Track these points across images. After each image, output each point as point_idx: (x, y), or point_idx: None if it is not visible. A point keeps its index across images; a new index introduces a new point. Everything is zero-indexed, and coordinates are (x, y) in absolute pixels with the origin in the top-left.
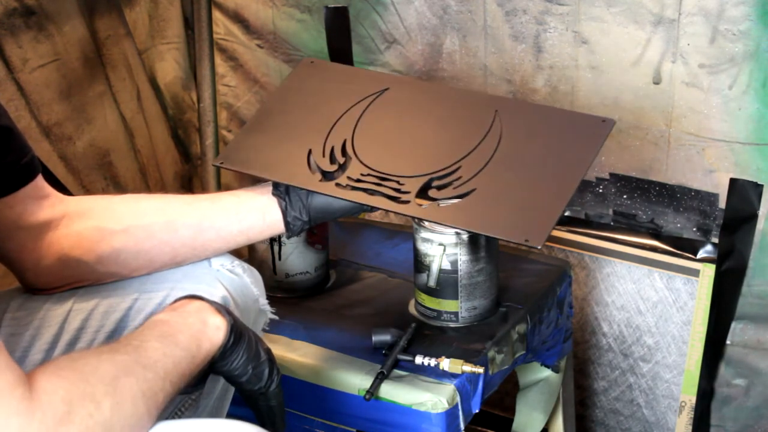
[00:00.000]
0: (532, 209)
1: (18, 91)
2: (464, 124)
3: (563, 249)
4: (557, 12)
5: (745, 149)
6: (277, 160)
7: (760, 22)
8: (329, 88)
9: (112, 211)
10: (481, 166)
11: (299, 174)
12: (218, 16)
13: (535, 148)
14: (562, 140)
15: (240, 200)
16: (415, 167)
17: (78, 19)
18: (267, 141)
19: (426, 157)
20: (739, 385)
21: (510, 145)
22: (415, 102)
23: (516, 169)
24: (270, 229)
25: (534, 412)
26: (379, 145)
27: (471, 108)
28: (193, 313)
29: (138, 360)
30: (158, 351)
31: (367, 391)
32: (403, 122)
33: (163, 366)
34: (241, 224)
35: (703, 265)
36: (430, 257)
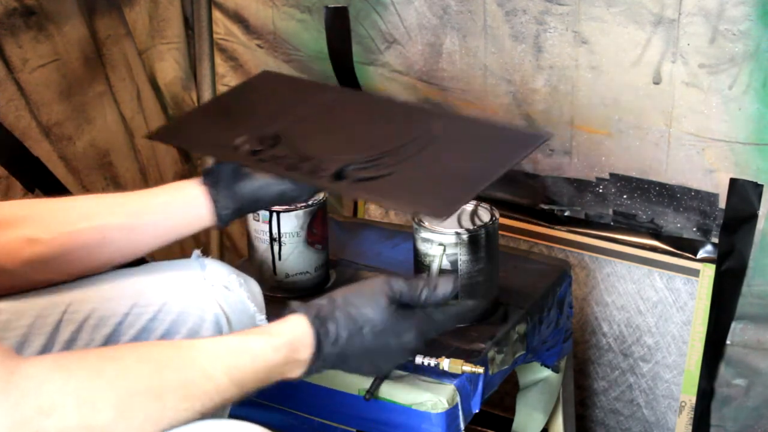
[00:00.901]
0: (440, 192)
1: (18, 91)
2: (396, 128)
3: (563, 249)
4: (557, 12)
5: (745, 149)
6: (207, 139)
7: (760, 22)
8: (277, 92)
9: (39, 219)
10: (401, 160)
11: (226, 152)
12: (218, 16)
13: (459, 150)
14: (489, 147)
15: (169, 195)
16: (337, 153)
17: (78, 19)
18: (203, 125)
19: (350, 149)
20: (739, 385)
21: (436, 147)
22: (354, 108)
23: (435, 164)
24: (201, 220)
25: (534, 412)
26: (309, 136)
27: (408, 116)
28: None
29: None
30: (213, 384)
31: (367, 391)
32: (337, 122)
33: (208, 401)
34: (172, 221)
35: (703, 265)
36: (430, 257)
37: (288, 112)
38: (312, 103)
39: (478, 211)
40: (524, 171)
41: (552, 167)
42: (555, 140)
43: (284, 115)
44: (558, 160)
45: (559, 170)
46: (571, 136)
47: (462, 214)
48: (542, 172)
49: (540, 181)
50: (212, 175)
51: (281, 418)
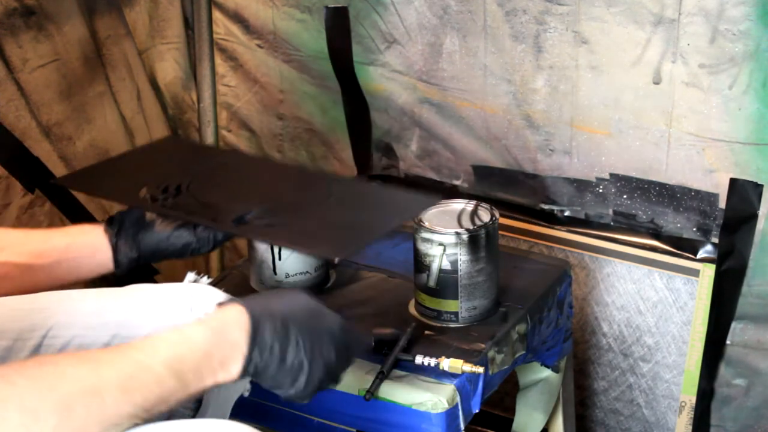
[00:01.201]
0: (337, 237)
1: (18, 91)
2: (291, 186)
3: (563, 249)
4: (557, 12)
5: (745, 149)
6: (112, 187)
7: (760, 22)
8: (180, 153)
9: None
10: (298, 211)
11: (130, 198)
12: (218, 16)
13: (351, 207)
14: (380, 206)
15: (71, 238)
16: (237, 203)
17: (78, 19)
18: (109, 176)
19: (249, 200)
20: (739, 385)
21: (329, 204)
22: (252, 168)
23: (329, 216)
24: (100, 267)
25: (534, 412)
26: (209, 189)
27: (303, 177)
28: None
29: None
30: (152, 376)
31: (367, 391)
32: (235, 179)
33: (148, 393)
34: (72, 263)
35: (703, 265)
36: (430, 257)
37: (189, 170)
38: (212, 163)
39: (478, 211)
40: (524, 171)
41: (552, 167)
42: (555, 140)
43: (185, 172)
44: (558, 160)
45: (559, 170)
46: (571, 136)
47: (462, 214)
48: (542, 172)
49: (540, 181)
50: (115, 223)
51: (281, 418)
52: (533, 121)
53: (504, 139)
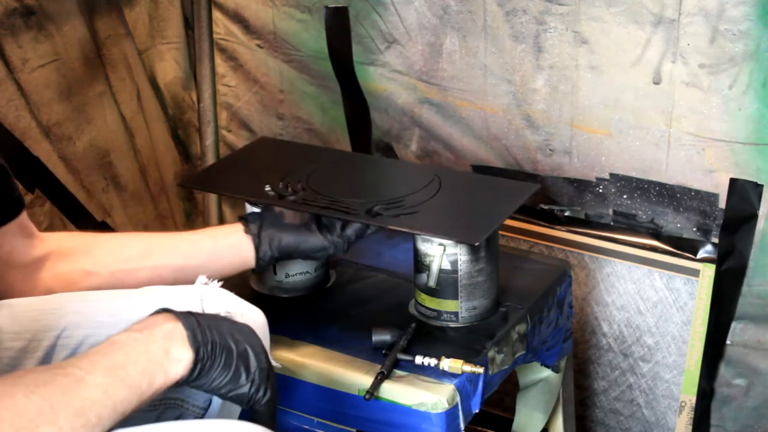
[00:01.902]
0: (468, 223)
1: (18, 91)
2: (403, 179)
3: (563, 249)
4: (557, 12)
5: (745, 149)
6: (237, 186)
7: (760, 22)
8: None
9: (96, 254)
10: (420, 202)
11: (260, 196)
12: (218, 16)
13: (465, 197)
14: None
15: (216, 241)
16: (360, 198)
17: (78, 19)
18: (227, 175)
19: (370, 195)
20: (739, 385)
21: (447, 192)
22: (358, 165)
23: (450, 206)
24: (243, 266)
25: (534, 412)
26: (328, 186)
27: (409, 169)
28: (158, 339)
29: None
30: (99, 389)
31: (367, 391)
32: (346, 176)
33: (101, 408)
34: (218, 264)
35: (703, 265)
36: (430, 257)
37: (300, 169)
38: (319, 161)
39: None
40: (524, 171)
41: (552, 167)
42: (555, 140)
43: (298, 171)
44: (558, 160)
45: (559, 170)
46: (571, 136)
47: None
48: (542, 172)
49: (540, 181)
50: (254, 224)
51: (281, 418)
52: (533, 121)
53: (504, 139)
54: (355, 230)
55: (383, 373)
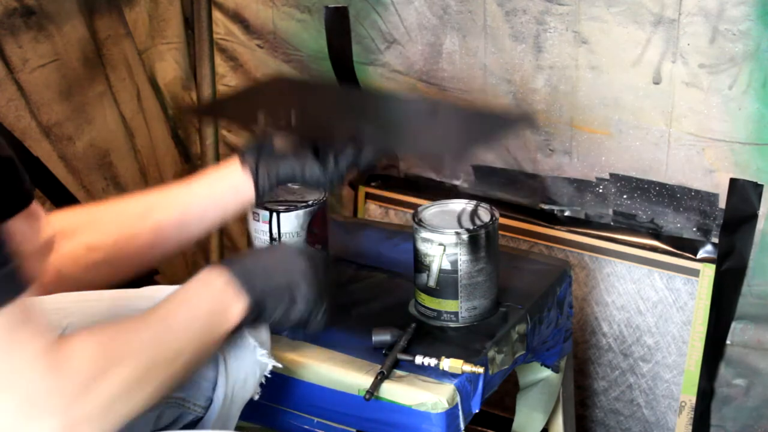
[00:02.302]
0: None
1: (18, 91)
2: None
3: (563, 249)
4: (557, 12)
5: (745, 149)
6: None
7: (760, 22)
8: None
9: (97, 226)
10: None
11: (257, 125)
12: (218, 16)
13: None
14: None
15: (212, 186)
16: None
17: (78, 19)
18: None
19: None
20: (739, 385)
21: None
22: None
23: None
24: (243, 203)
25: (534, 412)
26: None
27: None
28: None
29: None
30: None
31: (367, 391)
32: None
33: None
34: (218, 208)
35: (703, 265)
36: (430, 257)
37: (301, 99)
38: (318, 95)
39: (478, 211)
40: (524, 171)
41: (552, 167)
42: (555, 140)
43: (297, 103)
44: (558, 160)
45: (559, 170)
46: (571, 136)
47: (462, 214)
48: (542, 172)
49: (540, 181)
50: (251, 156)
51: (281, 418)
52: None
53: (504, 139)
54: (347, 162)
55: (383, 373)
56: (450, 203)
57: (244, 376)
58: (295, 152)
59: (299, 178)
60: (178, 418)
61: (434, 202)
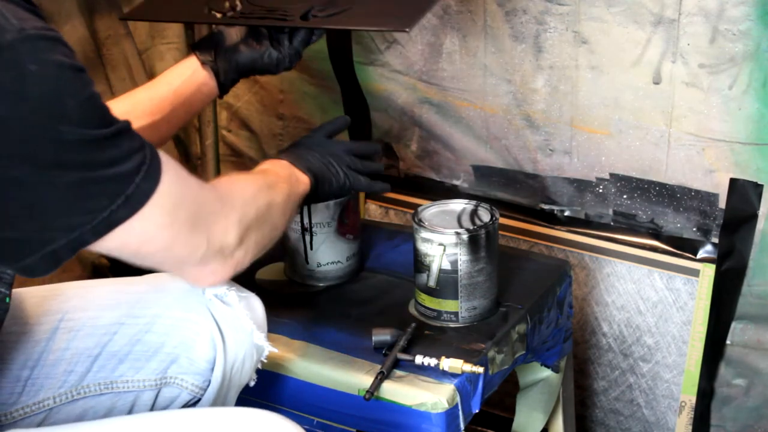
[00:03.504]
0: (400, 11)
1: None
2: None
3: (563, 249)
4: (557, 12)
5: (745, 149)
6: (178, 11)
7: (760, 22)
8: None
9: None
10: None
11: (199, 17)
12: None
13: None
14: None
15: (174, 84)
16: (296, 5)
17: (78, 19)
18: (166, 4)
19: (305, 1)
20: (739, 385)
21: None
22: None
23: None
24: (208, 96)
25: (534, 412)
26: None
27: None
28: (286, 167)
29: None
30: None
31: (367, 391)
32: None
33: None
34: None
35: (703, 265)
36: (430, 257)
37: None
38: None
39: (478, 211)
40: (524, 171)
41: (552, 167)
42: (555, 140)
43: None
44: (558, 160)
45: (559, 170)
46: (571, 136)
47: (462, 214)
48: (542, 172)
49: (540, 181)
50: (206, 50)
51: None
52: (533, 121)
53: (504, 139)
54: (301, 40)
55: (383, 373)
56: (450, 203)
57: (241, 359)
58: (247, 40)
59: (259, 65)
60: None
61: (434, 202)
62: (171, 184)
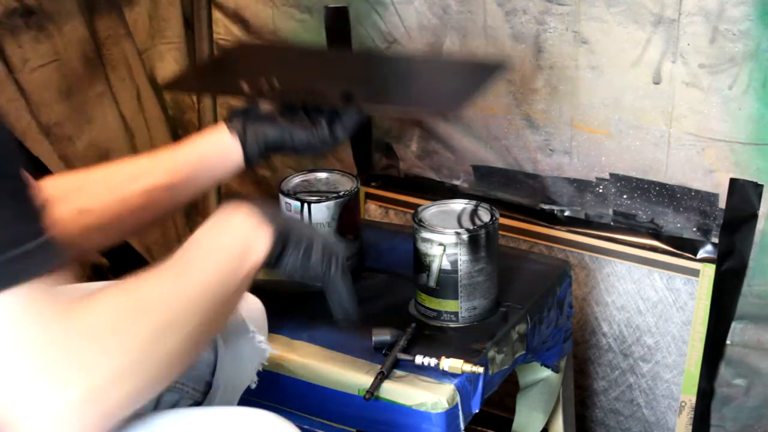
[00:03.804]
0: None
1: (18, 91)
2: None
3: (563, 249)
4: (557, 12)
5: (745, 149)
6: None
7: (760, 22)
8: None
9: (88, 190)
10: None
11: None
12: (218, 16)
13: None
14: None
15: (201, 148)
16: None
17: (78, 19)
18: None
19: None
20: (739, 385)
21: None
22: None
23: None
24: (232, 168)
25: (534, 412)
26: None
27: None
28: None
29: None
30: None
31: (367, 391)
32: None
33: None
34: (207, 172)
35: (703, 265)
36: (430, 257)
37: (278, 66)
38: (297, 57)
39: (478, 211)
40: (524, 171)
41: (552, 167)
42: (555, 140)
43: (276, 68)
44: (558, 160)
45: (559, 170)
46: (571, 136)
47: (462, 214)
48: (542, 172)
49: (540, 181)
50: (238, 121)
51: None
52: (533, 121)
53: (504, 139)
54: (338, 123)
55: (383, 373)
56: (450, 203)
57: (241, 363)
58: (282, 116)
59: (288, 143)
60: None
61: (434, 202)
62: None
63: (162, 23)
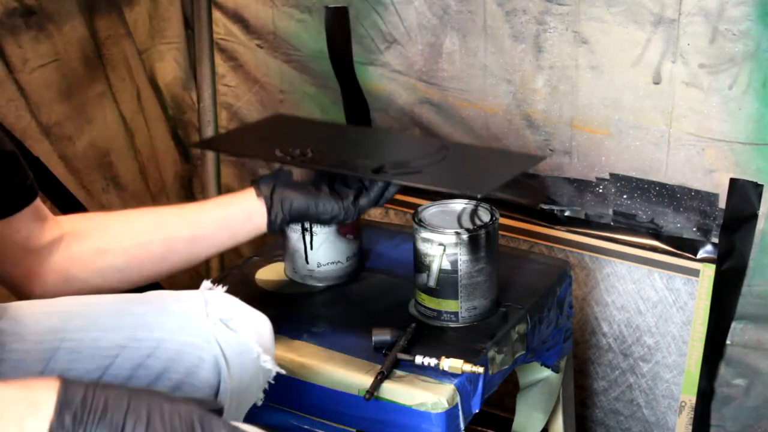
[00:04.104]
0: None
1: (18, 91)
2: (411, 147)
3: (563, 249)
4: (557, 12)
5: (745, 149)
6: (250, 149)
7: (760, 22)
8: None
9: (108, 232)
10: (425, 165)
11: (270, 157)
12: (218, 16)
13: (471, 161)
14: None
15: (226, 208)
16: (367, 161)
17: (78, 19)
18: (240, 140)
19: (377, 158)
20: (739, 385)
21: (453, 158)
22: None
23: (457, 164)
24: (255, 230)
25: (534, 412)
26: (336, 151)
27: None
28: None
29: None
30: None
31: (367, 391)
32: (354, 144)
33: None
34: (229, 230)
35: (703, 265)
36: (430, 257)
37: (312, 137)
38: (329, 132)
39: (478, 211)
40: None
41: (552, 167)
42: (555, 140)
43: (308, 139)
44: (558, 160)
45: (559, 170)
46: (571, 136)
47: (462, 214)
48: (542, 172)
49: (540, 181)
50: (267, 186)
51: (281, 418)
52: (533, 121)
53: (504, 139)
54: (369, 200)
55: (383, 373)
56: (450, 203)
57: (247, 383)
58: (311, 185)
59: (312, 212)
60: None
61: (434, 202)
62: None
63: (162, 23)
